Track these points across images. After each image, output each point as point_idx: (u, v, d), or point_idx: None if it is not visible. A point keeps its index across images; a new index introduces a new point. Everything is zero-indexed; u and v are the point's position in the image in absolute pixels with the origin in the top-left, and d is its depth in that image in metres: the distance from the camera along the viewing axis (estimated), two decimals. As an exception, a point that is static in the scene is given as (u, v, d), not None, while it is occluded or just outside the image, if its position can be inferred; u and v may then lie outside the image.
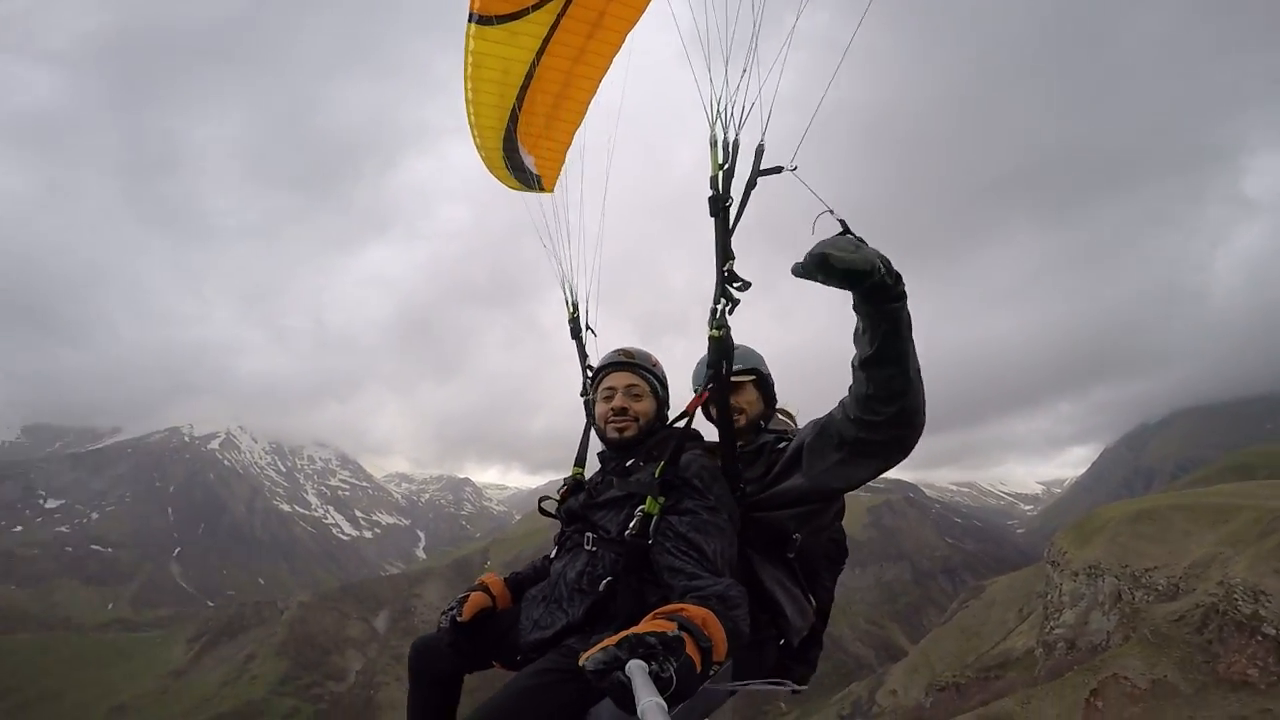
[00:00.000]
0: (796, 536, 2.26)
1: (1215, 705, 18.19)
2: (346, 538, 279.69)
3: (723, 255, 2.25)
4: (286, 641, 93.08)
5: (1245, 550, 22.81)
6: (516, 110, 3.14)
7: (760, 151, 2.22)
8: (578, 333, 3.19)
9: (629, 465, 2.29)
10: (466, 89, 3.07)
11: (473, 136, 3.25)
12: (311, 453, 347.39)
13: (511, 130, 3.21)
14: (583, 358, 3.13)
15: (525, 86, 3.10)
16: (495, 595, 2.42)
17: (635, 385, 2.40)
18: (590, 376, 2.64)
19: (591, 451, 2.65)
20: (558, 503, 2.52)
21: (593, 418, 2.60)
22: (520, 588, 2.49)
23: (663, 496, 2.07)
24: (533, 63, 3.04)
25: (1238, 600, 20.72)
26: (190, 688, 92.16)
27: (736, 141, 2.25)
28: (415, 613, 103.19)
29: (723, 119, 2.27)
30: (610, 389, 2.41)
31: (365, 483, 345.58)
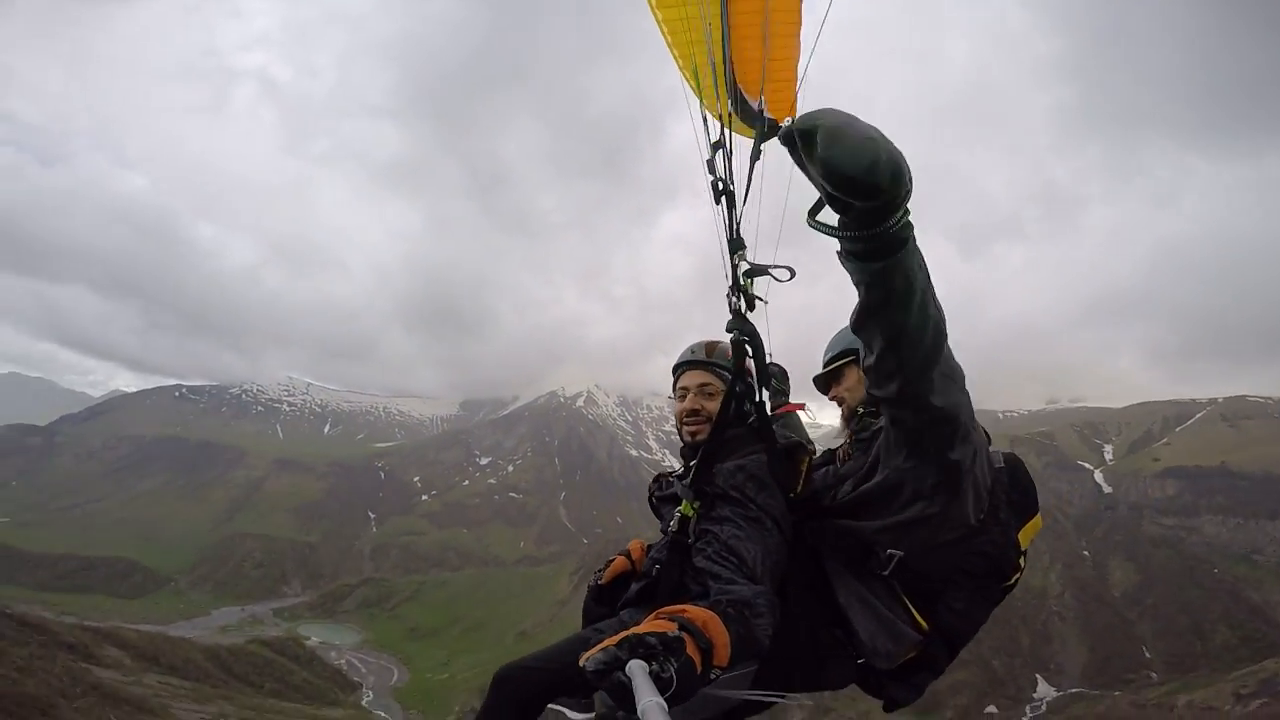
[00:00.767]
0: (893, 554, 1.95)
1: None
2: None
3: (731, 245, 2.18)
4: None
5: None
6: (729, 59, 2.69)
7: (762, 115, 2.04)
8: (736, 243, 2.32)
9: (693, 465, 2.31)
10: (675, 58, 2.78)
11: (701, 106, 2.75)
12: (649, 402, 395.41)
13: (732, 82, 2.80)
14: (741, 296, 2.33)
15: (726, 36, 2.70)
16: (635, 560, 2.58)
17: (709, 384, 2.39)
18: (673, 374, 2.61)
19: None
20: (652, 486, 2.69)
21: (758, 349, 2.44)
22: None
23: (698, 502, 2.15)
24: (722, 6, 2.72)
25: None
26: (571, 616, 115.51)
27: (731, 113, 2.09)
28: None
29: (716, 84, 2.00)
30: (684, 389, 2.42)
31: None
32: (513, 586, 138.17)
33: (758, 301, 2.28)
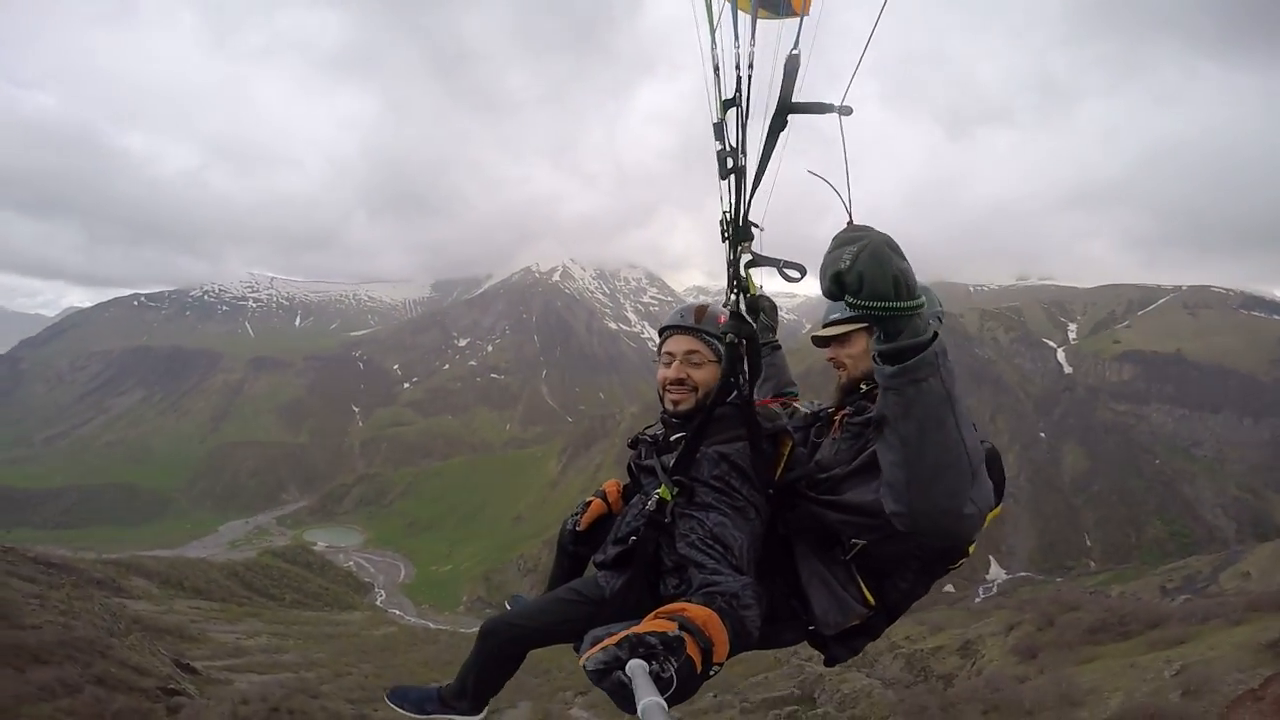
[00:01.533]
0: (856, 542, 1.97)
1: None
2: None
3: (737, 234, 1.90)
4: (621, 452, 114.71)
5: None
6: None
7: (793, 69, 1.60)
8: (743, 232, 2.04)
9: (674, 440, 2.21)
10: None
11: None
12: (626, 274, 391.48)
13: None
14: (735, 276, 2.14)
15: None
16: (611, 502, 2.57)
17: (696, 351, 2.22)
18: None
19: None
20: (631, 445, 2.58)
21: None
22: (631, 495, 2.58)
23: (677, 488, 2.07)
24: None
25: None
26: (561, 498, 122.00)
27: (750, 59, 1.68)
28: None
29: (733, 20, 1.65)
30: (669, 355, 2.26)
31: (670, 297, 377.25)
32: (503, 471, 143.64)
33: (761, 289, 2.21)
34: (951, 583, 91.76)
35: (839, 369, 2.30)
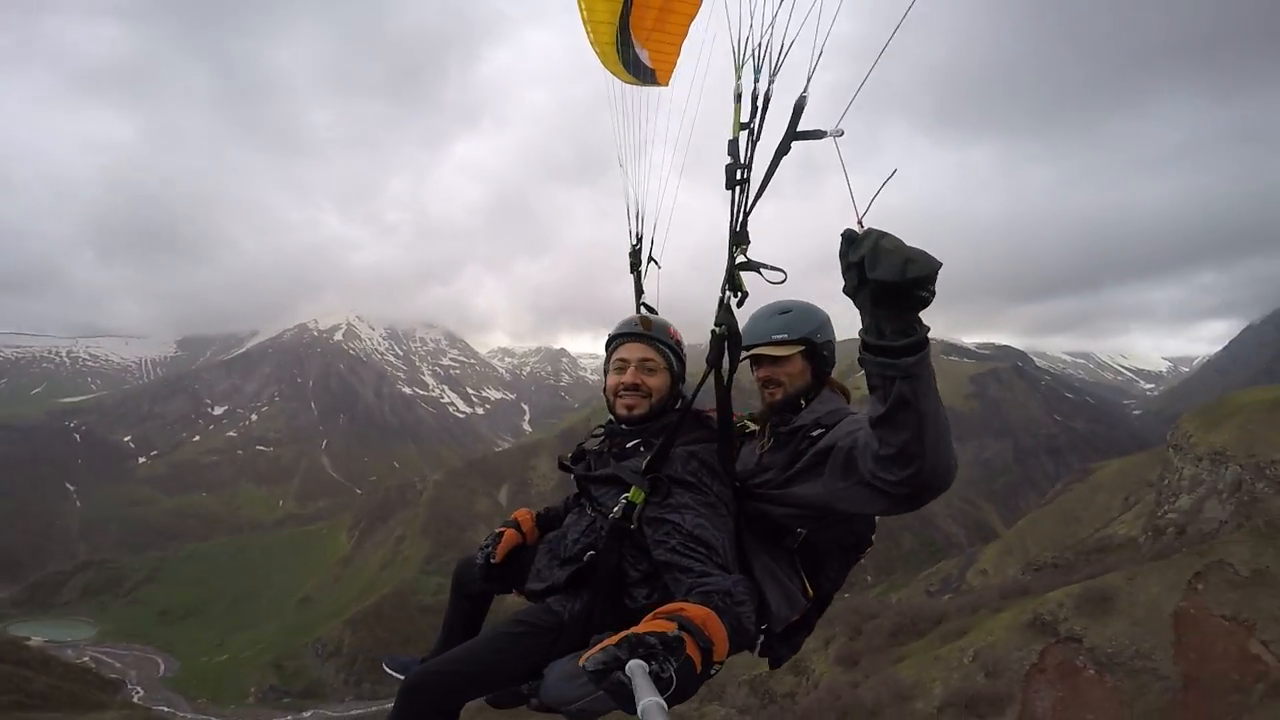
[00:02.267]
0: (801, 531, 2.20)
1: (1261, 599, 18.94)
2: (462, 415, 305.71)
3: (735, 237, 2.02)
4: (428, 521, 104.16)
5: None
6: (629, 1, 3.01)
7: (801, 107, 1.81)
8: (637, 265, 2.99)
9: (629, 446, 2.28)
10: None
11: (585, 31, 3.12)
12: (422, 334, 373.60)
13: (625, 21, 3.08)
14: (639, 294, 2.96)
15: None
16: (525, 532, 2.57)
17: (650, 359, 2.33)
18: (605, 344, 2.52)
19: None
20: (571, 461, 2.53)
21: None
22: (549, 525, 2.62)
23: (648, 489, 2.07)
24: None
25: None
26: (356, 574, 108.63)
27: (769, 94, 1.87)
28: (532, 484, 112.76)
29: (755, 61, 1.88)
30: (622, 361, 2.34)
31: (472, 359, 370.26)
32: (280, 551, 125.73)
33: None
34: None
35: (773, 387, 2.34)
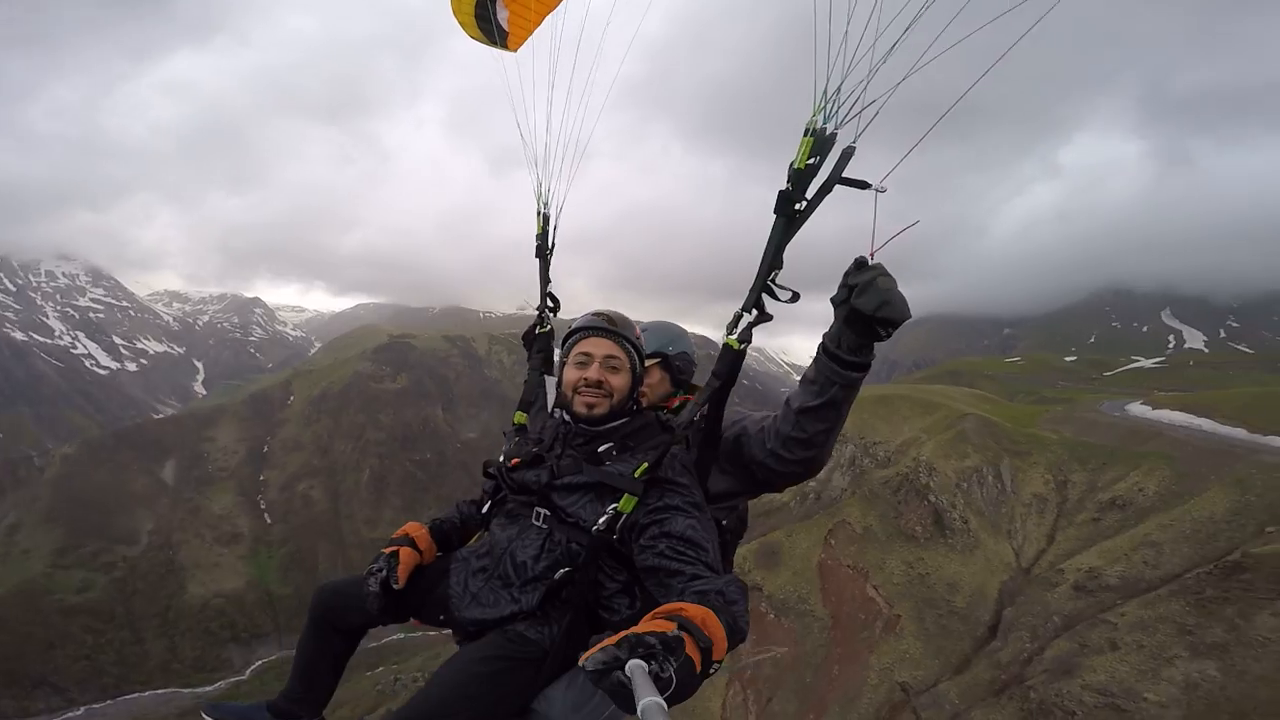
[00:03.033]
0: (725, 523, 2.33)
1: (896, 550, 24.88)
2: (104, 371, 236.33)
3: (771, 262, 2.03)
4: (54, 505, 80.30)
5: (935, 437, 28.91)
6: None
7: (848, 155, 1.95)
8: (545, 250, 2.96)
9: (601, 451, 2.15)
10: None
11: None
12: (51, 267, 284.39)
13: None
14: (545, 281, 2.95)
15: None
16: (423, 550, 2.29)
17: (615, 357, 2.22)
18: (564, 339, 2.39)
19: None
20: (504, 467, 2.28)
21: (545, 357, 2.76)
22: (446, 540, 2.39)
23: (640, 495, 1.99)
24: None
25: (920, 474, 26.58)
26: None
27: (834, 136, 1.97)
28: (209, 459, 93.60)
29: (826, 111, 1.99)
30: (586, 355, 2.22)
31: (125, 302, 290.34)
32: None
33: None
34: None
35: (640, 396, 2.38)
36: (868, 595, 24.14)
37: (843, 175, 1.91)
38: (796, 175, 1.97)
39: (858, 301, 1.81)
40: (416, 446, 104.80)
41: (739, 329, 2.05)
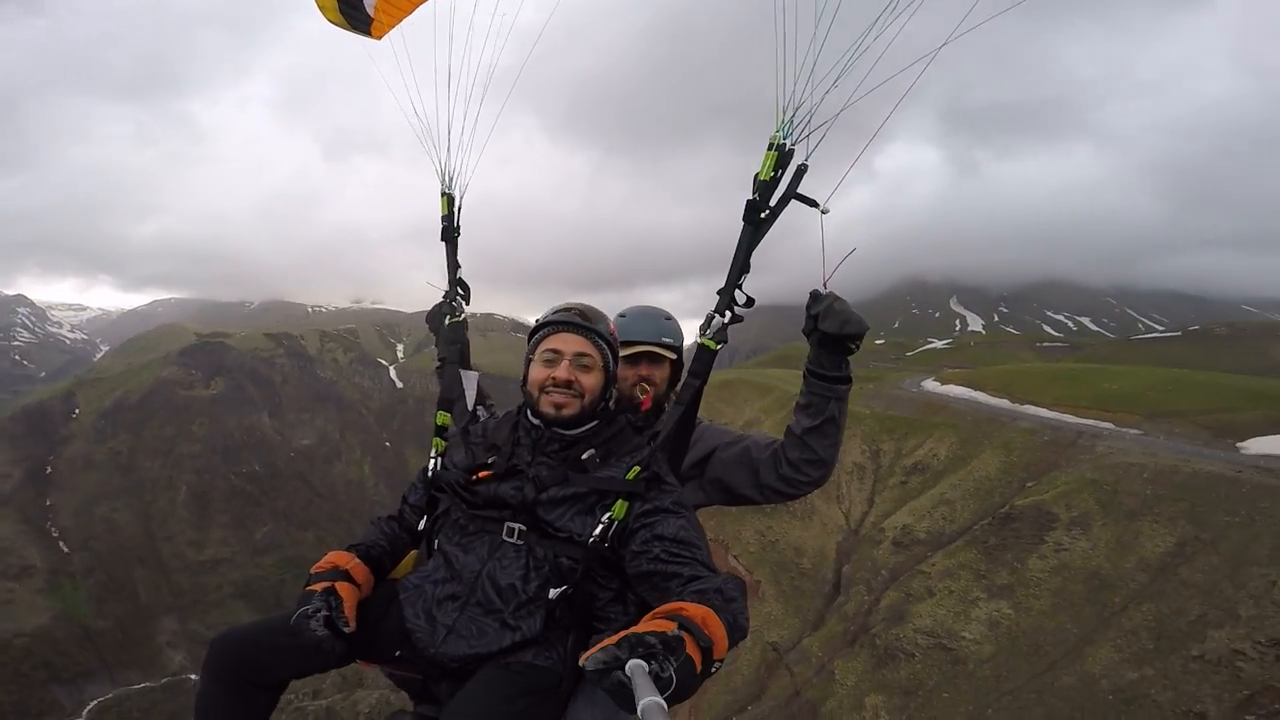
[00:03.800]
0: None
1: (749, 521, 26.61)
2: None
3: (741, 267, 2.12)
4: None
5: (771, 417, 30.50)
6: None
7: (802, 172, 2.05)
8: (452, 233, 2.76)
9: (585, 458, 2.00)
10: None
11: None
12: None
13: None
14: (454, 266, 2.75)
15: None
16: (360, 583, 1.95)
17: (586, 354, 2.07)
18: (530, 333, 2.23)
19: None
20: (461, 481, 2.07)
21: (461, 349, 2.60)
22: (379, 568, 2.08)
23: (629, 502, 1.91)
24: None
25: (752, 451, 29.95)
26: None
27: (792, 151, 2.04)
28: None
29: (786, 128, 2.05)
30: (554, 353, 2.07)
31: None
32: None
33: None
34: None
35: (640, 384, 2.41)
36: (730, 565, 25.60)
37: (796, 191, 2.03)
38: (763, 186, 2.05)
39: (824, 326, 2.02)
40: (241, 458, 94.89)
41: (713, 330, 2.10)
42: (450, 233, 2.75)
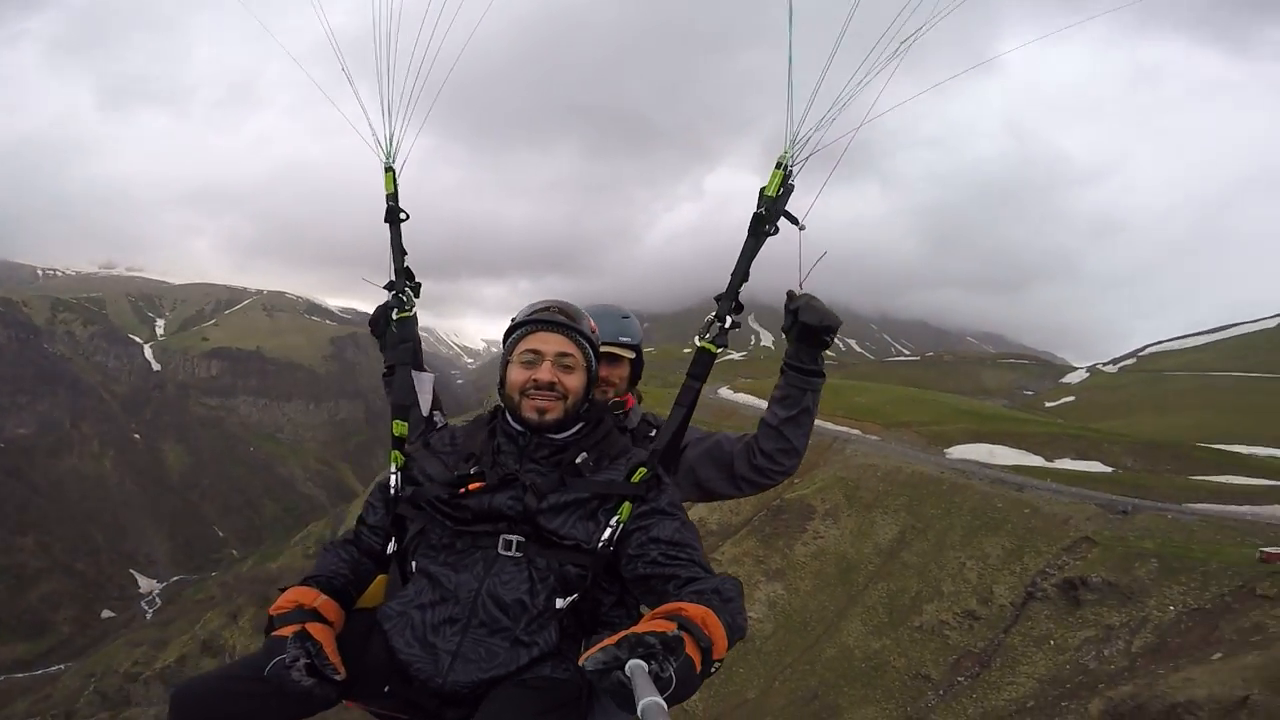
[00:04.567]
0: None
1: None
2: None
3: (743, 275, 2.21)
4: None
5: None
6: None
7: (789, 192, 2.18)
8: (397, 214, 2.48)
9: (579, 462, 1.92)
10: None
11: None
12: None
13: None
14: (400, 252, 2.47)
15: None
16: (333, 621, 1.76)
17: (569, 354, 1.96)
18: (505, 332, 2.10)
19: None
20: (442, 497, 1.88)
21: (413, 349, 2.39)
22: (345, 600, 1.86)
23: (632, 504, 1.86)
24: None
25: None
26: None
27: (790, 173, 2.17)
28: None
29: (794, 150, 2.15)
30: (534, 353, 1.95)
31: None
32: None
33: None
34: (107, 606, 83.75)
35: (605, 387, 2.39)
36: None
37: (784, 209, 2.17)
38: (770, 201, 2.13)
39: (805, 318, 2.14)
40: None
41: (711, 333, 2.16)
42: (394, 214, 2.46)
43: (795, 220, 2.17)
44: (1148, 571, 31.95)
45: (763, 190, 2.14)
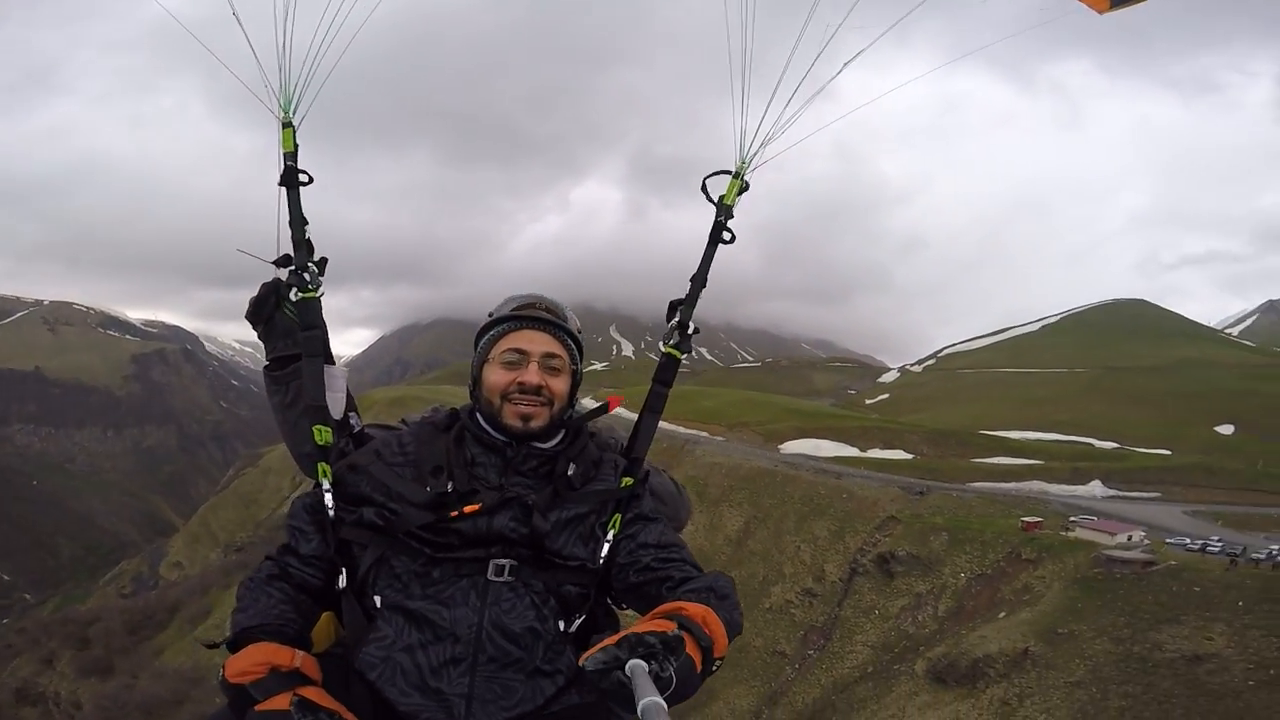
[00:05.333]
0: None
1: None
2: None
3: (702, 282, 2.15)
4: None
5: None
6: None
7: (744, 189, 2.24)
8: (294, 177, 1.95)
9: (571, 474, 1.76)
10: None
11: None
12: None
13: None
14: (300, 224, 1.94)
15: None
16: (317, 680, 1.47)
17: (555, 355, 1.80)
18: (481, 330, 1.88)
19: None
20: (438, 518, 1.65)
21: (322, 337, 1.91)
22: (303, 646, 1.56)
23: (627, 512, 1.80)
24: None
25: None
26: None
27: (748, 185, 2.20)
28: None
29: (746, 160, 2.19)
30: (518, 354, 1.77)
31: None
32: None
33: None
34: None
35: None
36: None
37: (725, 221, 2.19)
38: (728, 210, 2.13)
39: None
40: None
41: (676, 339, 2.05)
42: (293, 175, 1.99)
43: (730, 231, 2.28)
44: (940, 544, 38.03)
45: (721, 198, 2.16)
